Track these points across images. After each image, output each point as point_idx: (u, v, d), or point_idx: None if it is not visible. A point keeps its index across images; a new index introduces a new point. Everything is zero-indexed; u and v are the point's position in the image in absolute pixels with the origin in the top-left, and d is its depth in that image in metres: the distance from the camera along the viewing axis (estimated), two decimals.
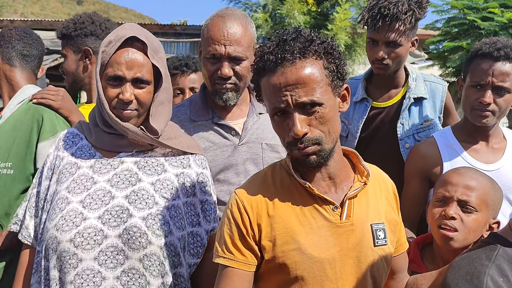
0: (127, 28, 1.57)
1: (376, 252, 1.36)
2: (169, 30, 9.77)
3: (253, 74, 1.35)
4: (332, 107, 1.28)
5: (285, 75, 1.24)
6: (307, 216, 1.33)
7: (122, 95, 1.51)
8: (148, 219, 1.49)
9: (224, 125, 1.93)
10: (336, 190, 1.36)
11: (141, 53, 1.53)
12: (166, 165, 1.61)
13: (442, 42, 8.69)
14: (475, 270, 1.10)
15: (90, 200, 1.49)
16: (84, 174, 1.54)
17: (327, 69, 1.27)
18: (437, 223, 1.58)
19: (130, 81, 1.52)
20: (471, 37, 7.91)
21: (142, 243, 1.46)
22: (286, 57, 1.24)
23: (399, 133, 2.23)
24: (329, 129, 1.27)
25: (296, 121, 1.24)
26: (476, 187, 1.57)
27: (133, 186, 1.53)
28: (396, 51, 2.13)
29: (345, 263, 1.32)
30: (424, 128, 2.24)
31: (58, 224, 1.47)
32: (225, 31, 1.82)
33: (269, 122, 1.98)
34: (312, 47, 1.25)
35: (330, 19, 8.20)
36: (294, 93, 1.23)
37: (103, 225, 1.46)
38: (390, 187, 1.48)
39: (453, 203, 1.57)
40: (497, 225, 1.61)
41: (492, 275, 1.08)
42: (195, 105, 1.98)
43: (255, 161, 1.92)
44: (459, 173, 1.62)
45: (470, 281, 1.08)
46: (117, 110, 1.53)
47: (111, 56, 1.52)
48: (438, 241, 1.59)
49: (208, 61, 1.86)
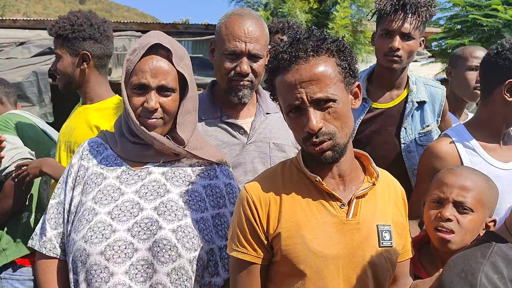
0: (152, 35, 1.55)
1: (380, 252, 1.37)
2: (171, 29, 9.77)
3: (268, 74, 1.39)
4: (345, 103, 1.32)
5: (299, 72, 1.28)
6: (314, 212, 1.35)
7: (147, 104, 1.49)
8: (178, 231, 1.46)
9: (233, 124, 1.95)
10: (344, 189, 1.39)
11: (166, 61, 1.51)
12: (193, 176, 1.59)
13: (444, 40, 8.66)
14: (470, 267, 1.12)
15: (118, 212, 1.47)
16: (110, 185, 1.52)
17: (339, 66, 1.31)
18: (433, 225, 1.58)
19: (155, 89, 1.50)
20: (474, 34, 7.88)
21: (172, 256, 1.43)
22: (300, 55, 1.28)
23: (402, 137, 2.23)
24: (342, 125, 1.31)
25: (311, 116, 1.27)
26: (471, 187, 1.57)
27: (161, 198, 1.50)
28: (410, 44, 2.15)
29: (348, 261, 1.34)
30: (426, 133, 2.25)
31: (87, 236, 1.43)
32: (245, 28, 1.86)
33: (276, 122, 2.06)
34: (325, 45, 1.30)
35: (331, 18, 8.18)
36: (308, 89, 1.27)
37: (133, 237, 1.43)
38: (399, 192, 1.51)
39: (449, 204, 1.57)
40: (493, 223, 1.61)
41: (486, 272, 1.09)
42: (203, 103, 1.98)
43: (263, 160, 1.94)
44: (454, 174, 1.62)
45: (464, 278, 1.10)
46: (142, 119, 1.51)
47: (135, 64, 1.50)
48: (436, 244, 1.59)
49: (227, 58, 1.88)
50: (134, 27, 9.69)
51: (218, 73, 1.95)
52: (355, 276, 1.35)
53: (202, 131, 1.92)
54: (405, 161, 2.23)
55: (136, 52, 1.51)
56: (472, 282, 1.08)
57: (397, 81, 2.27)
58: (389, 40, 2.16)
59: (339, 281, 1.33)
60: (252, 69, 1.88)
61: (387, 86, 2.28)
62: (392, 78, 2.26)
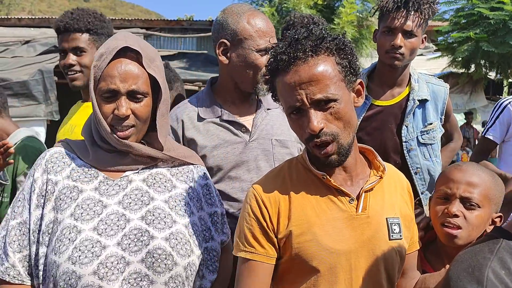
0: (119, 38, 1.47)
1: (390, 245, 1.38)
2: (175, 26, 9.78)
3: (268, 75, 1.38)
4: (347, 102, 1.30)
5: (299, 74, 1.26)
6: (323, 208, 1.35)
7: (118, 110, 1.41)
8: (171, 239, 1.40)
9: (234, 122, 1.93)
10: (352, 184, 1.39)
11: (136, 63, 1.43)
12: (174, 180, 1.54)
13: (450, 33, 8.62)
14: (477, 263, 1.11)
15: (104, 226, 1.37)
16: (90, 198, 1.41)
17: (339, 65, 1.29)
18: (440, 221, 1.58)
19: (125, 94, 1.42)
20: (480, 28, 7.84)
21: (168, 265, 1.37)
22: (299, 56, 1.26)
23: (403, 135, 2.22)
24: (344, 124, 1.30)
25: (312, 118, 1.26)
26: (478, 183, 1.56)
27: (147, 206, 1.43)
28: (412, 41, 2.15)
29: (360, 255, 1.34)
30: (428, 131, 2.24)
31: (74, 257, 1.32)
32: (270, 25, 1.92)
33: (277, 117, 2.05)
34: (323, 44, 1.28)
35: (337, 13, 8.16)
36: (308, 90, 1.25)
37: (124, 251, 1.35)
38: (405, 185, 1.51)
39: (456, 200, 1.56)
40: (499, 219, 1.60)
41: (493, 267, 1.08)
42: (202, 102, 1.98)
43: (266, 157, 1.93)
44: (460, 170, 1.61)
45: (471, 273, 1.08)
46: (114, 128, 1.43)
47: (103, 70, 1.42)
48: (442, 239, 1.59)
49: (261, 55, 1.89)
50: (138, 24, 9.71)
51: (248, 70, 1.91)
52: (367, 270, 1.35)
53: (204, 130, 1.91)
54: (407, 159, 2.22)
55: (103, 57, 1.42)
56: (479, 277, 1.07)
57: (399, 78, 2.25)
58: (391, 38, 2.15)
59: (351, 276, 1.34)
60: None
61: (388, 83, 2.27)
62: (393, 75, 2.24)
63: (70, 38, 2.22)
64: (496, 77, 9.31)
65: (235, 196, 1.88)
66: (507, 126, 2.81)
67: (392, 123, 2.23)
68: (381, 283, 1.38)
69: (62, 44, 2.26)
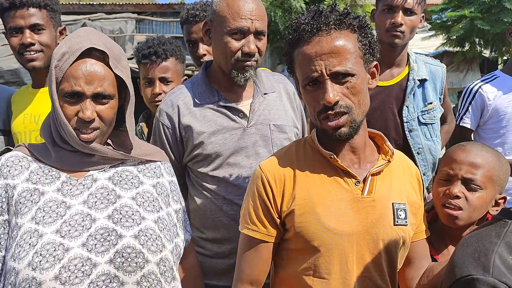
0: (82, 36, 1.38)
1: (395, 231, 1.37)
2: (167, 10, 9.65)
3: (287, 46, 1.38)
4: (363, 79, 1.32)
5: (320, 44, 1.28)
6: (328, 189, 1.35)
7: (82, 114, 1.34)
8: (140, 236, 1.34)
9: (232, 108, 1.89)
10: (360, 166, 1.39)
11: (102, 64, 1.36)
12: (141, 176, 1.49)
13: (444, 12, 8.54)
14: (483, 247, 1.08)
15: (68, 228, 1.30)
16: (52, 200, 1.34)
17: (360, 42, 1.32)
18: (441, 202, 1.57)
19: (90, 97, 1.35)
20: (474, 5, 7.77)
21: (139, 263, 1.32)
22: (322, 28, 1.28)
23: (404, 115, 2.20)
24: (359, 101, 1.31)
25: (329, 88, 1.27)
26: (481, 164, 1.54)
27: (113, 204, 1.37)
28: (412, 19, 2.15)
29: (362, 238, 1.34)
30: (428, 110, 2.23)
31: (34, 262, 1.24)
32: (250, 6, 1.79)
33: (274, 102, 2.01)
34: (347, 20, 1.30)
35: None
36: (328, 62, 1.27)
37: (90, 252, 1.28)
38: (414, 172, 1.50)
39: (458, 181, 1.55)
40: (503, 200, 1.59)
41: (500, 252, 1.05)
42: (198, 87, 1.93)
43: (265, 143, 1.90)
44: (464, 150, 1.59)
45: (477, 259, 1.05)
46: (77, 131, 1.37)
47: (66, 71, 1.34)
48: (443, 220, 1.58)
49: (233, 38, 1.79)
50: (130, 8, 9.57)
51: (221, 54, 1.85)
52: (368, 253, 1.35)
53: (201, 116, 1.87)
54: (409, 140, 2.21)
55: (66, 57, 1.34)
56: (485, 263, 1.04)
57: (398, 58, 2.23)
58: (391, 16, 2.13)
59: (353, 258, 1.34)
60: (257, 47, 1.81)
61: (387, 63, 2.24)
62: (392, 55, 2.22)
63: (27, 14, 2.03)
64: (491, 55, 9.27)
65: (235, 182, 1.85)
66: (481, 111, 2.74)
67: (392, 103, 2.21)
68: (382, 268, 1.38)
69: (17, 20, 2.05)
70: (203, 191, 1.89)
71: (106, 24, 9.03)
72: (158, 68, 2.36)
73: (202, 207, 1.90)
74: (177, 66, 2.40)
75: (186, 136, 1.87)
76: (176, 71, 2.39)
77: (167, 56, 2.36)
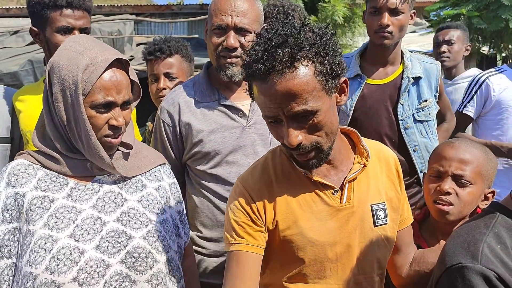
0: (92, 45, 1.42)
1: (376, 232, 1.38)
2: (166, 11, 9.66)
3: (244, 74, 1.29)
4: (327, 110, 1.23)
5: (275, 87, 1.17)
6: (308, 201, 1.34)
7: (116, 122, 1.41)
8: (149, 237, 1.42)
9: (231, 107, 1.91)
10: (336, 173, 1.37)
11: (124, 73, 1.43)
12: (144, 180, 1.55)
13: (442, 9, 8.55)
14: (473, 237, 1.11)
15: (81, 232, 1.36)
16: (63, 206, 1.39)
17: (320, 73, 1.19)
18: (432, 198, 1.59)
19: (119, 105, 1.42)
20: (472, 3, 7.77)
21: (149, 263, 1.39)
22: (275, 67, 1.16)
23: (399, 113, 2.22)
24: (326, 132, 1.25)
25: (289, 133, 1.20)
26: (470, 160, 1.57)
27: (121, 208, 1.44)
28: (399, 19, 2.14)
29: (345, 245, 1.35)
30: (423, 108, 2.24)
31: (51, 267, 1.30)
32: (232, 2, 1.82)
33: None
34: (301, 53, 1.17)
35: None
36: (284, 105, 1.18)
37: (103, 254, 1.34)
38: (392, 163, 1.48)
39: (448, 177, 1.57)
40: (492, 194, 1.62)
41: (489, 242, 1.08)
42: (199, 85, 1.96)
43: (263, 142, 1.92)
44: (453, 147, 1.61)
45: (467, 248, 1.09)
46: (105, 139, 1.42)
47: (95, 82, 1.37)
48: (435, 215, 1.61)
49: (214, 33, 1.84)
50: (128, 10, 9.56)
51: (209, 51, 1.91)
52: (353, 258, 1.36)
53: (201, 114, 1.89)
54: (404, 137, 2.22)
55: (92, 69, 1.37)
56: (473, 252, 1.07)
57: (391, 56, 2.25)
58: (378, 17, 2.15)
59: (337, 265, 1.35)
60: (241, 44, 1.83)
61: (380, 62, 2.26)
62: (385, 54, 2.24)
63: (79, 16, 1.99)
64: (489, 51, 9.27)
65: (232, 180, 1.87)
66: (484, 101, 2.82)
67: (387, 101, 2.23)
68: (369, 270, 1.39)
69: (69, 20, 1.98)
70: (202, 189, 1.92)
71: (104, 26, 9.04)
72: (163, 64, 2.42)
73: (200, 205, 1.93)
74: (182, 64, 2.44)
75: (185, 134, 1.90)
76: (181, 68, 2.43)
77: (171, 52, 2.42)
